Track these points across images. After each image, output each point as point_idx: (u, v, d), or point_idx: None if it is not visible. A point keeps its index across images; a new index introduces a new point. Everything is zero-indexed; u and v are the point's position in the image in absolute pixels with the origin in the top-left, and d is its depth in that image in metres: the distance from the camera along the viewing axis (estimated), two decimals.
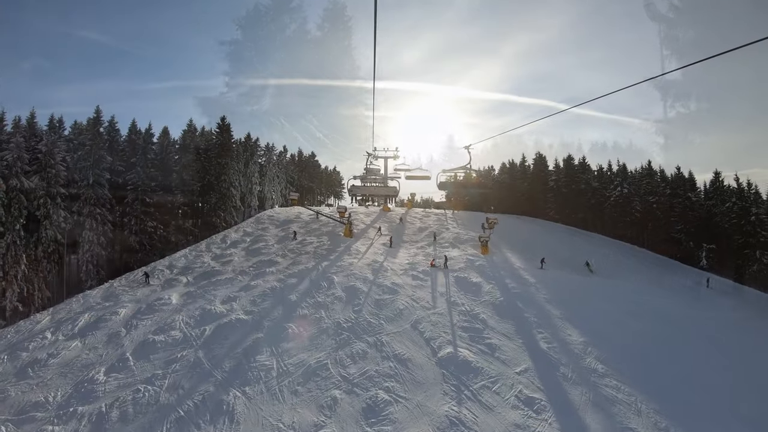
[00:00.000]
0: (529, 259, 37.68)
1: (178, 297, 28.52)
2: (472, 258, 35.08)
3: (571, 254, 45.25)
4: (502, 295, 27.28)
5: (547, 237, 54.53)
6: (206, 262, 36.64)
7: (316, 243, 39.24)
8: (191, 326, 23.48)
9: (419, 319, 22.61)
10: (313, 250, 36.52)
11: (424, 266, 32.19)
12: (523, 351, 20.61)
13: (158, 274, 34.66)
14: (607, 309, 28.92)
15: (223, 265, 34.94)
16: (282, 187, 77.30)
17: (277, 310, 23.73)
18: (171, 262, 38.09)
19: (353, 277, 28.48)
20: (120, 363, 20.79)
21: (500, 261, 35.85)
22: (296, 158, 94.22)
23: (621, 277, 38.19)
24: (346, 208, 43.30)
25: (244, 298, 26.45)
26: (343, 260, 32.89)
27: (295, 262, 33.17)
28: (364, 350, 19.05)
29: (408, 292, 26.29)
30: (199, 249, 41.63)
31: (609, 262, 41.88)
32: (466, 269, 31.95)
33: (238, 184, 58.99)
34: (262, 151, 74.25)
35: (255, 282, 29.17)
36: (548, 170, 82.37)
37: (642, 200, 69.81)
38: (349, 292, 25.74)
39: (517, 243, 44.27)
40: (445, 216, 58.30)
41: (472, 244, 40.24)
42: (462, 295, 26.63)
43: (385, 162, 58.51)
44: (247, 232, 47.35)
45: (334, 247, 37.52)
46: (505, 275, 31.94)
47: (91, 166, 38.57)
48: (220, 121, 57.42)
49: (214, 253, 39.52)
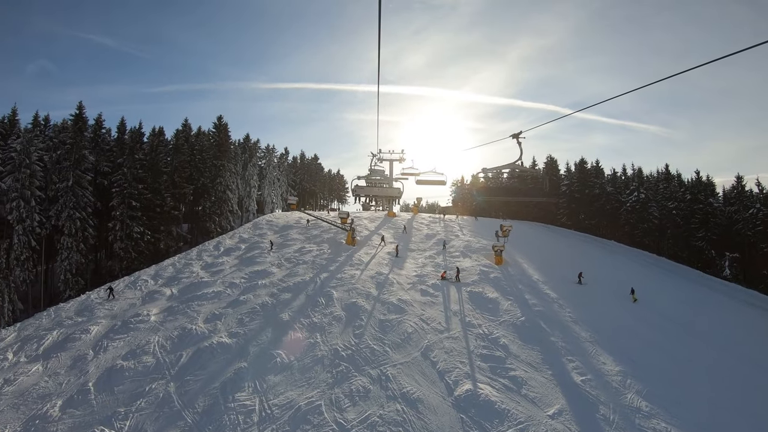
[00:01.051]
0: (548, 271, 34.36)
1: (157, 313, 25.46)
2: (486, 269, 31.81)
3: (590, 264, 41.94)
4: (523, 314, 24.00)
5: (562, 245, 51.25)
6: (195, 272, 33.57)
7: (316, 251, 36.11)
8: (167, 350, 20.39)
9: (431, 345, 19.35)
10: (312, 260, 33.38)
11: (434, 279, 28.98)
12: (554, 386, 17.31)
13: (141, 285, 31.64)
14: (637, 329, 25.74)
15: (213, 276, 31.85)
16: (283, 190, 74.36)
17: (266, 333, 20.55)
18: (157, 271, 35.07)
19: (355, 292, 25.29)
20: (80, 395, 17.73)
21: (516, 273, 32.54)
22: (298, 161, 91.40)
23: (663, 301, 34.72)
24: (348, 214, 40.20)
25: (230, 316, 23.32)
26: (344, 272, 29.72)
27: (292, 274, 30.04)
28: (365, 387, 15.81)
29: (417, 310, 23.05)
30: (190, 257, 38.61)
31: (651, 285, 38.27)
32: (480, 283, 28.70)
33: (235, 187, 56.04)
34: (262, 152, 71.44)
35: (245, 296, 26.03)
36: (560, 174, 79.15)
37: (660, 206, 66.25)
38: (350, 311, 22.54)
39: (532, 252, 41.01)
40: (453, 222, 55.04)
41: (485, 253, 36.97)
42: (478, 314, 23.38)
43: (391, 165, 55.66)
44: (243, 238, 44.33)
45: (335, 256, 34.37)
46: (524, 290, 28.66)
47: (71, 166, 35.66)
48: (216, 120, 54.65)
49: (205, 262, 36.48)
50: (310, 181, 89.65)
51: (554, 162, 79.32)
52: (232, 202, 50.94)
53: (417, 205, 65.51)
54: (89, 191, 37.03)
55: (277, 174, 73.16)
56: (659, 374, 20.14)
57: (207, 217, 46.43)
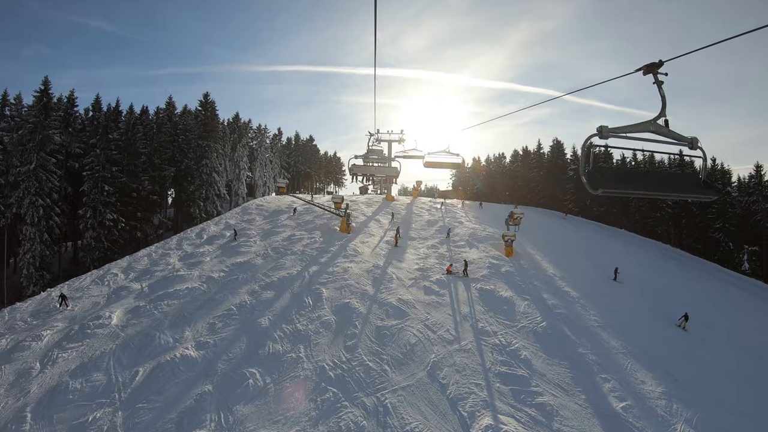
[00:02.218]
0: (564, 264, 31.01)
1: (121, 315, 22.08)
2: (496, 262, 28.42)
3: (607, 257, 38.71)
4: (544, 318, 20.69)
5: (572, 234, 47.83)
6: (171, 264, 30.14)
7: (306, 240, 32.61)
8: (122, 365, 17.08)
9: (438, 360, 16.01)
10: (302, 250, 29.90)
11: (439, 273, 25.58)
12: (591, 416, 14.04)
13: (109, 280, 28.23)
14: (670, 336, 22.66)
15: (190, 269, 28.41)
16: (276, 173, 70.51)
17: (239, 344, 17.18)
18: (130, 262, 31.62)
19: (348, 290, 21.88)
20: (13, 425, 14.47)
21: (529, 266, 29.17)
22: (293, 142, 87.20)
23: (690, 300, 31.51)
24: (342, 198, 36.58)
25: (201, 319, 19.96)
26: (337, 264, 26.28)
27: (277, 266, 26.60)
28: (357, 423, 12.49)
29: (420, 314, 19.68)
30: (168, 246, 35.10)
31: (676, 282, 34.97)
32: (491, 278, 25.32)
33: (223, 170, 52.23)
34: (254, 133, 67.36)
35: (221, 295, 22.64)
36: (566, 158, 75.25)
37: None
38: (342, 315, 19.16)
39: (542, 241, 37.59)
40: (456, 208, 51.48)
41: (493, 243, 33.52)
42: (492, 319, 20.03)
43: (389, 145, 51.74)
44: (230, 224, 40.75)
45: (327, 245, 30.89)
46: (541, 287, 25.32)
47: (35, 148, 31.78)
48: (202, 97, 50.46)
49: (185, 252, 33.02)
50: (305, 164, 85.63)
51: (560, 145, 75.38)
52: (218, 185, 47.24)
53: (417, 189, 61.77)
54: (56, 175, 33.25)
55: (269, 156, 69.21)
56: (705, 395, 17.05)
57: (191, 201, 42.78)
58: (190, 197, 42.71)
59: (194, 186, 43.48)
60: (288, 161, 79.60)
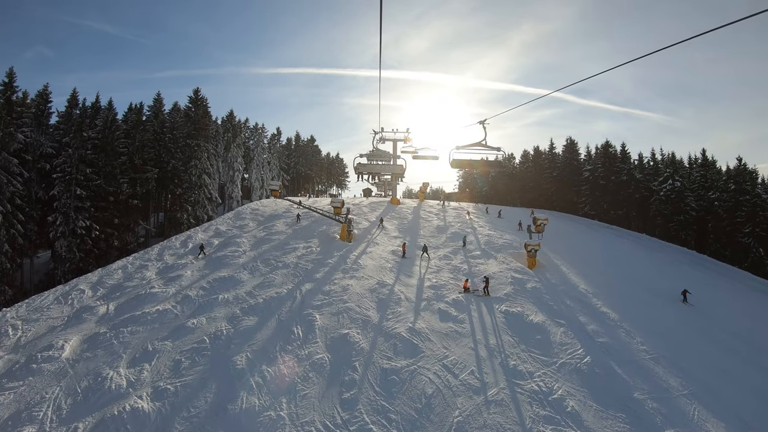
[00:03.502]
0: (594, 277, 27.19)
1: (76, 345, 18.41)
2: (520, 276, 24.59)
3: (636, 267, 34.95)
4: (586, 351, 16.84)
5: (592, 239, 43.89)
6: (147, 278, 26.48)
7: (302, 250, 28.87)
8: (60, 418, 13.42)
9: (464, 420, 12.18)
10: (295, 262, 26.16)
11: (455, 291, 21.76)
12: None
13: (74, 297, 24.57)
14: (733, 369, 18.84)
15: (167, 284, 24.75)
16: (274, 174, 66.86)
17: (206, 393, 13.40)
18: (102, 276, 27.98)
19: (346, 316, 18.09)
20: None
21: (558, 280, 25.32)
22: (293, 143, 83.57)
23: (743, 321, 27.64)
24: (343, 202, 32.79)
25: (166, 354, 16.23)
26: (335, 281, 22.51)
27: (265, 283, 22.87)
28: None
29: (436, 349, 15.86)
30: (148, 257, 31.45)
31: (724, 299, 31.15)
32: (516, 297, 21.48)
33: (215, 171, 48.62)
34: (250, 132, 63.74)
35: (195, 320, 18.91)
36: (581, 159, 71.13)
37: (697, 196, 58.42)
38: (338, 352, 15.37)
39: (563, 249, 33.66)
40: (462, 210, 47.62)
41: (512, 252, 29.69)
42: (525, 354, 16.18)
43: (394, 144, 48.27)
44: (220, 231, 37.14)
45: (325, 256, 27.14)
46: (575, 307, 21.46)
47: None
48: (192, 93, 46.84)
49: (165, 263, 29.35)
50: (305, 165, 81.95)
51: (574, 144, 71.32)
52: (209, 188, 43.59)
53: (423, 191, 57.81)
54: (21, 178, 29.67)
55: (267, 156, 65.59)
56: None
57: (177, 206, 39.13)
58: (177, 201, 39.07)
59: (182, 189, 39.83)
60: (287, 162, 75.98)
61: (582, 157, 70.49)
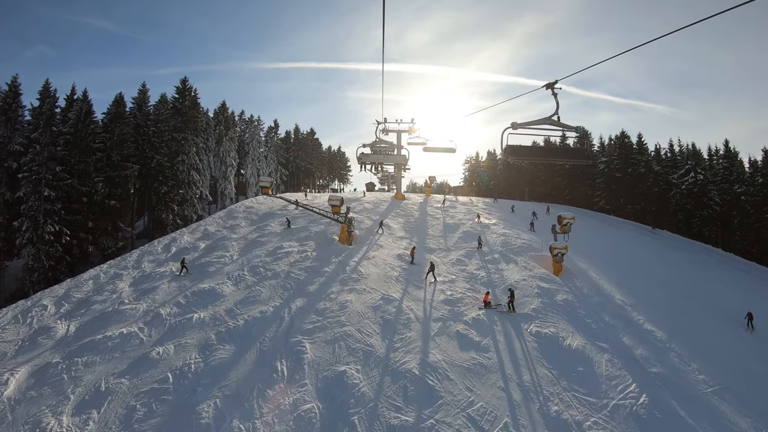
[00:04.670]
0: (628, 284, 23.74)
1: (23, 380, 15.28)
2: (547, 285, 21.14)
3: (671, 271, 31.52)
4: (639, 386, 13.49)
5: (612, 237, 40.18)
6: (118, 291, 23.24)
7: (296, 255, 25.52)
8: None
9: None
10: (287, 270, 22.81)
11: (473, 306, 18.35)
12: None
13: (35, 315, 21.38)
14: None
15: (139, 298, 21.51)
16: (271, 169, 63.47)
17: None
18: (70, 288, 24.80)
19: (344, 345, 14.72)
20: None
21: (590, 290, 21.85)
22: (292, 136, 79.94)
23: None
24: (342, 200, 29.27)
25: (118, 399, 12.96)
26: (331, 295, 19.14)
27: (251, 297, 19.54)
28: None
29: (458, 392, 12.46)
30: (125, 263, 28.24)
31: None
32: (546, 313, 18.04)
33: (206, 167, 45.28)
34: (245, 124, 60.22)
35: (162, 348, 15.62)
36: (594, 150, 67.07)
37: (720, 189, 54.43)
38: (332, 400, 12.00)
39: (586, 249, 29.95)
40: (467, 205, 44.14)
41: (533, 255, 26.22)
42: (568, 393, 12.77)
43: (398, 135, 44.78)
44: (208, 232, 33.87)
45: (322, 263, 23.76)
46: (615, 325, 18.03)
47: None
48: (180, 83, 43.36)
49: (142, 272, 26.13)
50: (305, 159, 78.40)
51: (587, 135, 67.17)
52: (199, 185, 40.26)
53: (429, 186, 54.35)
54: None
55: (264, 150, 62.15)
56: None
57: (162, 206, 35.82)
58: (162, 200, 35.75)
59: (167, 187, 36.49)
60: (286, 157, 72.49)
61: (595, 148, 66.68)
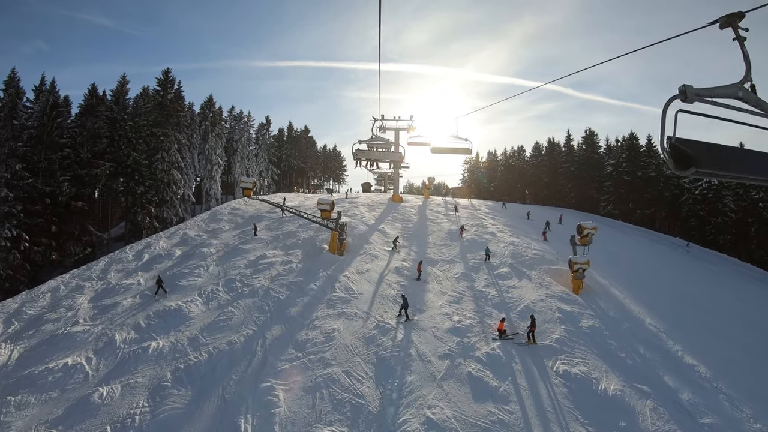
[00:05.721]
0: (655, 304, 21.06)
1: None
2: (568, 308, 18.29)
3: (697, 285, 28.86)
4: None
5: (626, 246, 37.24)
6: (76, 307, 20.21)
7: (279, 266, 22.57)
8: None
9: None
10: (267, 286, 19.85)
11: (486, 336, 15.42)
12: None
13: None
14: None
15: (96, 318, 18.55)
16: (262, 169, 60.37)
17: None
18: (25, 302, 21.71)
19: (327, 393, 11.77)
20: None
21: (616, 311, 19.05)
22: (285, 133, 76.71)
23: None
24: (333, 204, 26.26)
25: None
26: (315, 321, 16.19)
27: (220, 321, 16.58)
28: None
29: None
30: (90, 273, 25.18)
31: None
32: (573, 345, 15.17)
33: (190, 165, 42.18)
34: (234, 120, 57.07)
35: (107, 388, 12.72)
36: (601, 152, 64.28)
37: (735, 195, 51.72)
38: None
39: (602, 260, 26.96)
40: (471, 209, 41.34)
41: (548, 268, 23.37)
42: None
43: (396, 134, 41.94)
44: (187, 237, 30.84)
45: (308, 277, 20.80)
46: (653, 359, 15.23)
47: None
48: (162, 74, 40.22)
49: (107, 283, 23.12)
50: (298, 158, 75.22)
51: (593, 136, 64.61)
52: (180, 184, 37.18)
53: (428, 187, 51.42)
54: None
55: (254, 148, 59.05)
56: None
57: (138, 207, 32.74)
58: (137, 202, 32.67)
59: (144, 187, 33.40)
60: (278, 155, 69.35)
61: (602, 150, 64.03)
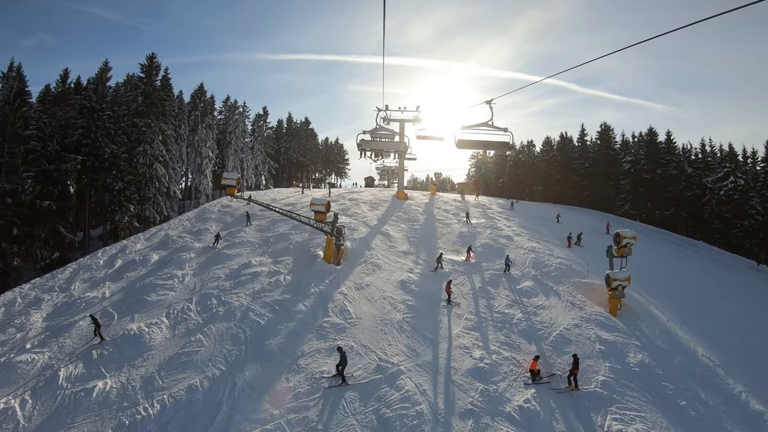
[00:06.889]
0: (698, 329, 17.93)
1: None
2: (608, 336, 15.14)
3: (733, 301, 25.64)
4: None
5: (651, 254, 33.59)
6: (27, 327, 17.22)
7: (265, 278, 19.48)
8: None
9: None
10: (247, 306, 16.73)
11: (516, 380, 12.28)
12: None
13: None
14: None
15: (44, 342, 15.56)
16: (258, 162, 57.14)
17: None
18: None
19: None
20: None
21: (663, 340, 15.90)
22: (284, 125, 73.27)
23: None
24: (328, 204, 23.01)
25: None
26: (301, 361, 13.07)
27: (184, 354, 13.51)
28: None
29: None
30: (53, 283, 22.11)
31: None
32: (621, 389, 12.03)
33: (177, 159, 39.04)
34: (227, 111, 53.69)
35: None
36: (617, 148, 60.54)
37: (762, 197, 47.84)
38: None
39: (638, 271, 23.50)
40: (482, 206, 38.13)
41: (578, 283, 20.18)
42: None
43: (401, 125, 38.85)
44: (168, 239, 27.76)
45: (296, 295, 17.65)
46: (717, 407, 12.50)
47: None
48: (146, 60, 36.90)
49: (69, 296, 20.12)
50: (298, 151, 71.84)
51: (609, 131, 60.77)
52: (164, 179, 34.06)
53: (435, 183, 48.08)
54: None
55: (250, 141, 55.78)
56: None
57: (115, 205, 29.65)
58: (114, 200, 29.56)
59: (123, 183, 30.28)
60: (276, 148, 66.04)
61: (617, 146, 60.37)
